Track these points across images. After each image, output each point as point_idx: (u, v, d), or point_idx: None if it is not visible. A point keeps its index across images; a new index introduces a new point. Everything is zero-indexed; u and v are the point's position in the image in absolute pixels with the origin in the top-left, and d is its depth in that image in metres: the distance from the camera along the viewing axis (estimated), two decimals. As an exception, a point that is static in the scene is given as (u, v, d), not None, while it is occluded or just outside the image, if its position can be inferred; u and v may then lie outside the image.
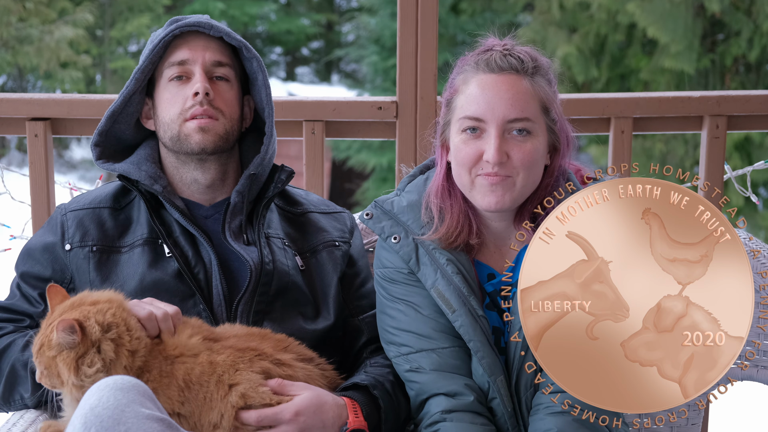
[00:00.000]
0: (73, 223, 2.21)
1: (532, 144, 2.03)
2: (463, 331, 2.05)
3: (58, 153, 13.41)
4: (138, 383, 1.81)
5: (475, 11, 12.29)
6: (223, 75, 2.22)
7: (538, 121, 2.04)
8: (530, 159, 2.03)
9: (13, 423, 2.07)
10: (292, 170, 2.32)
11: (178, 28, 2.18)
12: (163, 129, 2.21)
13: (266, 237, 2.24)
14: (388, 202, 2.18)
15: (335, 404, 2.01)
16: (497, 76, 2.03)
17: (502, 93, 2.02)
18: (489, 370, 2.05)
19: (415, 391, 2.11)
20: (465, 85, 2.07)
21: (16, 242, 3.07)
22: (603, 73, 10.04)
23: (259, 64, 2.24)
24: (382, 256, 2.17)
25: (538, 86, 2.04)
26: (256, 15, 15.08)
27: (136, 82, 2.20)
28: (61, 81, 12.05)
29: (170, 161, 2.25)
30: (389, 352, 2.16)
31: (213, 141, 2.19)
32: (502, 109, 2.01)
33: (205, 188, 2.25)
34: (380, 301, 2.18)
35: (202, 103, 2.17)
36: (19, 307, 2.19)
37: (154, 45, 2.18)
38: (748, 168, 3.11)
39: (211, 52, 2.21)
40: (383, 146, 11.20)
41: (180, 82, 2.20)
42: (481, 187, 2.04)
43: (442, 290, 2.07)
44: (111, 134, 2.27)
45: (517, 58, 2.04)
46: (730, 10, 9.25)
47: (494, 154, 2.00)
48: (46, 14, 11.84)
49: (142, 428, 1.72)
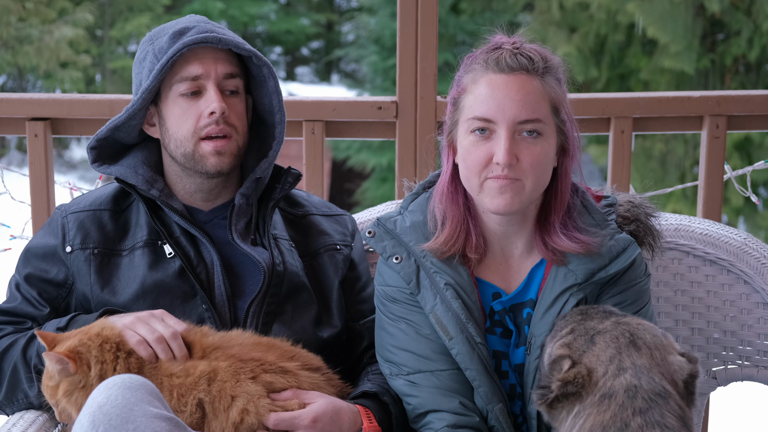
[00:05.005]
0: (74, 225, 2.20)
1: (542, 146, 1.97)
2: (460, 359, 2.01)
3: (58, 153, 13.42)
4: (146, 382, 1.80)
5: (475, 11, 12.31)
6: (235, 88, 2.19)
7: (548, 122, 1.98)
8: (540, 162, 1.97)
9: (13, 423, 2.07)
10: (300, 173, 2.30)
11: (186, 45, 2.12)
12: (175, 144, 2.18)
13: (273, 238, 2.24)
14: (391, 221, 2.13)
15: (350, 411, 2.02)
16: (507, 76, 1.97)
17: (512, 94, 1.95)
18: (486, 398, 2.01)
19: (412, 405, 2.07)
20: (474, 85, 2.00)
21: (16, 242, 3.07)
22: (603, 73, 10.04)
23: (270, 71, 2.21)
24: (385, 273, 2.12)
25: (549, 86, 1.99)
26: (255, 15, 15.09)
27: (143, 101, 2.16)
28: (60, 81, 12.06)
29: (174, 170, 2.23)
30: (385, 370, 2.12)
31: (229, 162, 2.17)
32: (513, 110, 1.95)
33: (206, 196, 2.25)
34: (380, 318, 2.15)
35: (218, 122, 2.14)
36: (21, 310, 2.18)
37: (163, 62, 2.12)
38: (748, 168, 3.11)
39: (222, 65, 2.16)
40: (383, 146, 11.20)
41: (191, 97, 2.16)
42: (490, 190, 1.98)
43: (440, 316, 2.02)
44: (109, 139, 2.25)
45: (528, 57, 1.98)
46: (730, 10, 9.25)
47: (505, 156, 1.94)
48: (45, 14, 11.85)
49: (151, 427, 1.71)
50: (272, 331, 2.15)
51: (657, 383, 1.64)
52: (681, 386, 1.69)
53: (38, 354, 2.07)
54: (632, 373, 1.65)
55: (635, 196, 2.16)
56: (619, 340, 1.70)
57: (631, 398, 1.63)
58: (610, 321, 1.75)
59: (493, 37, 2.04)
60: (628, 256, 2.00)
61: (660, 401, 1.63)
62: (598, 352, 1.70)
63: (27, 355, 2.09)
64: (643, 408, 1.61)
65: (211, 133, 2.14)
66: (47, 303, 2.16)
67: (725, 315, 2.42)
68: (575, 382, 1.68)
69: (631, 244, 2.01)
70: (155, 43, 2.18)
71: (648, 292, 2.08)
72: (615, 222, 2.06)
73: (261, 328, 2.13)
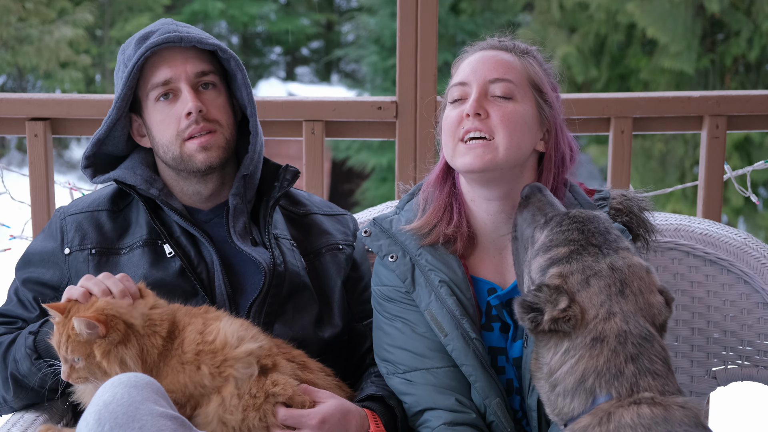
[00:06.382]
0: (72, 226, 2.21)
1: (515, 107, 2.03)
2: (456, 355, 2.03)
3: (57, 153, 13.42)
4: (152, 381, 1.81)
5: (475, 11, 12.30)
6: (209, 81, 2.19)
7: (522, 87, 2.05)
8: (511, 119, 2.02)
9: (13, 423, 2.07)
10: (298, 170, 2.31)
11: (148, 49, 2.12)
12: (163, 150, 2.19)
13: (275, 238, 2.24)
14: (386, 220, 2.16)
15: (358, 414, 2.03)
16: (487, 51, 2.10)
17: (487, 59, 2.07)
18: (483, 393, 2.03)
19: (409, 403, 2.09)
20: (457, 65, 2.13)
21: (16, 242, 3.07)
22: (603, 73, 10.04)
23: (237, 63, 2.21)
24: (381, 273, 2.15)
25: (527, 63, 2.08)
26: (255, 15, 15.07)
27: (118, 111, 2.17)
28: (60, 81, 12.05)
29: (169, 174, 2.24)
30: (382, 369, 2.14)
31: (218, 155, 2.17)
32: (484, 70, 2.05)
33: (206, 197, 2.25)
34: (377, 318, 2.17)
35: (197, 120, 2.14)
36: (12, 312, 2.21)
37: (129, 70, 2.13)
38: (748, 168, 3.11)
39: (192, 64, 2.16)
40: (383, 146, 11.20)
41: (168, 101, 2.16)
42: (461, 149, 2.03)
43: (435, 313, 2.04)
44: (99, 155, 2.26)
45: (511, 42, 2.11)
46: (729, 10, 9.25)
47: (472, 104, 2.02)
48: (45, 14, 11.84)
49: (157, 425, 1.72)
50: (273, 331, 2.15)
51: (642, 327, 1.71)
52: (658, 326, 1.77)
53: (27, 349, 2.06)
54: (621, 318, 1.71)
55: (629, 191, 2.21)
56: (611, 288, 1.74)
57: (622, 344, 1.69)
58: (606, 263, 1.77)
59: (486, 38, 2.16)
60: None
61: (647, 345, 1.70)
62: (591, 294, 1.74)
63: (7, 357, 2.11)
64: (634, 354, 1.68)
65: (194, 133, 2.15)
66: (38, 306, 2.18)
67: (725, 315, 2.43)
68: (569, 322, 1.72)
69: (623, 233, 2.02)
70: (125, 52, 2.19)
71: None
72: (608, 214, 2.09)
73: (262, 328, 2.13)
